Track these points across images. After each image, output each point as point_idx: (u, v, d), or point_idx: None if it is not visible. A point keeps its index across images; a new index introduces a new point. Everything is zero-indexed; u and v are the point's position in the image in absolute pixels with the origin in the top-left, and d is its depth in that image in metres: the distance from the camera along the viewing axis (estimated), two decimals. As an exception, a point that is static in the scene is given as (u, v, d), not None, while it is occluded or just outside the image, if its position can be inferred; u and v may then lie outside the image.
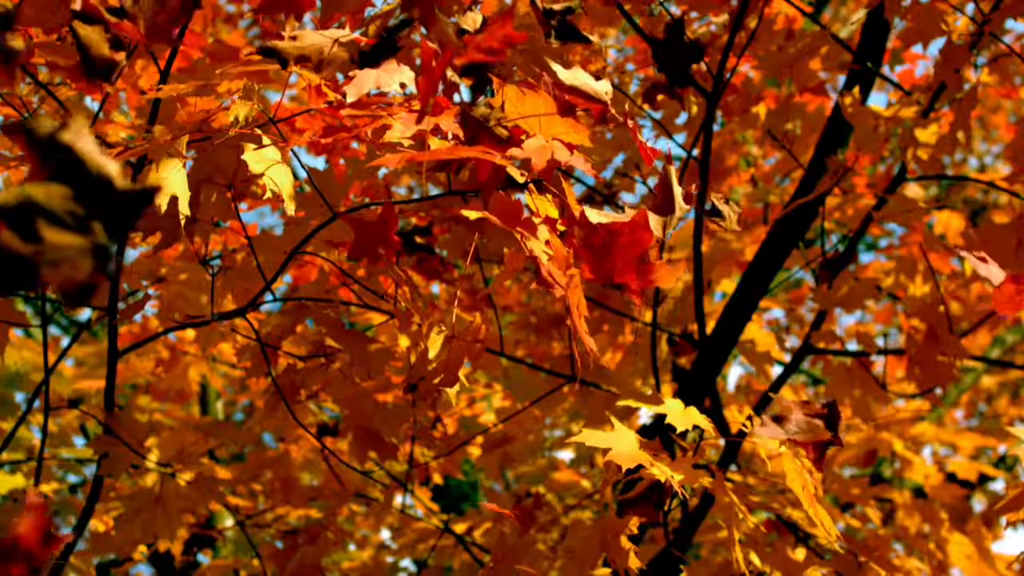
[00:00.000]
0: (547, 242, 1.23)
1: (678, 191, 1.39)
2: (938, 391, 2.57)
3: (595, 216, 1.27)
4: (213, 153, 1.66)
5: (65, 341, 5.43)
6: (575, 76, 1.38)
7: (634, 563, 1.50)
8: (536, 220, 1.25)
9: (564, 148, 1.27)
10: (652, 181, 3.68)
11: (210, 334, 2.63)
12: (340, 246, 1.74)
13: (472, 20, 1.48)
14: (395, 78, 1.34)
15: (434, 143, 1.27)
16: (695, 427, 1.42)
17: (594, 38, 1.48)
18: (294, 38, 1.34)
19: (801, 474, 1.38)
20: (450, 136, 1.30)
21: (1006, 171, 2.93)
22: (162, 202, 1.32)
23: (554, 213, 1.31)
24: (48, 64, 1.52)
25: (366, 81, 1.33)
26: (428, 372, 1.34)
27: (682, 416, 1.39)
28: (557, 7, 1.48)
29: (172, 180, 1.34)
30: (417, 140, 1.31)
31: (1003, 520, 1.58)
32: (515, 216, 1.23)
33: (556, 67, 1.36)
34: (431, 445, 2.94)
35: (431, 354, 1.33)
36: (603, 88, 1.39)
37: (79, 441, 4.52)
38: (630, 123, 1.40)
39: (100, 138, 1.76)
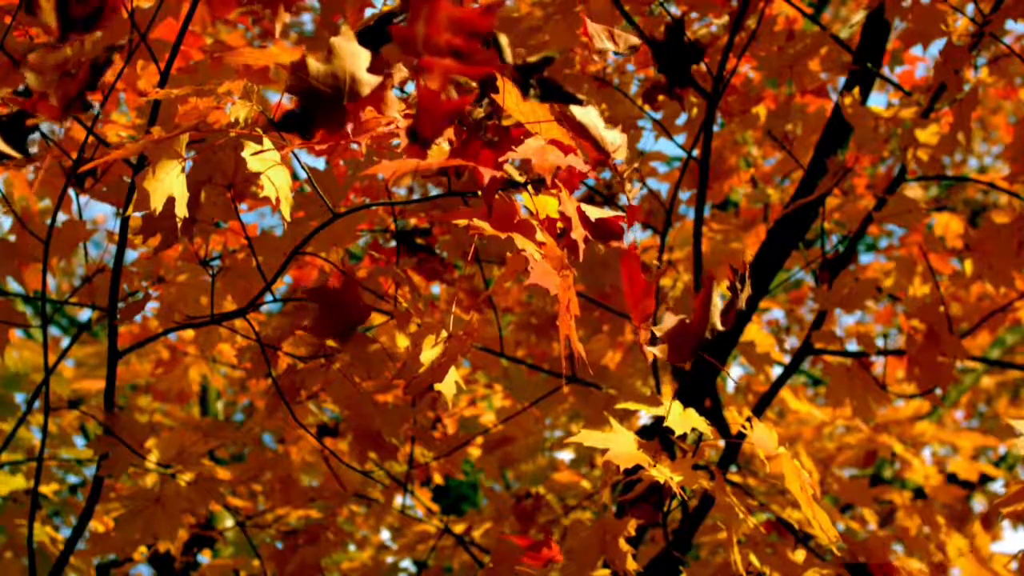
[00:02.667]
0: (542, 243, 1.23)
1: (717, 308, 1.34)
2: (938, 391, 2.57)
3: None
4: (213, 154, 1.66)
5: (65, 341, 5.43)
6: (587, 114, 1.30)
7: (631, 565, 1.50)
8: (534, 221, 1.25)
9: (561, 151, 1.27)
10: (651, 182, 3.65)
11: (210, 335, 2.63)
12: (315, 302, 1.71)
13: None
14: (393, 92, 1.29)
15: (432, 149, 1.27)
16: (694, 428, 1.41)
17: (583, 96, 1.31)
18: (306, 94, 1.21)
19: (799, 475, 1.38)
20: (446, 144, 1.29)
21: (1006, 171, 2.93)
22: (158, 204, 1.32)
23: (554, 213, 1.31)
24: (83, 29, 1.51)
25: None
26: (420, 371, 1.33)
27: (681, 418, 1.39)
28: (533, 59, 1.28)
29: (170, 182, 1.33)
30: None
31: (1001, 514, 1.58)
32: (511, 219, 1.23)
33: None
34: (431, 445, 2.94)
35: (423, 355, 1.32)
36: (611, 137, 1.31)
37: (79, 441, 4.52)
38: (627, 186, 1.35)
39: (99, 138, 1.76)
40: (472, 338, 1.34)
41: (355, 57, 1.24)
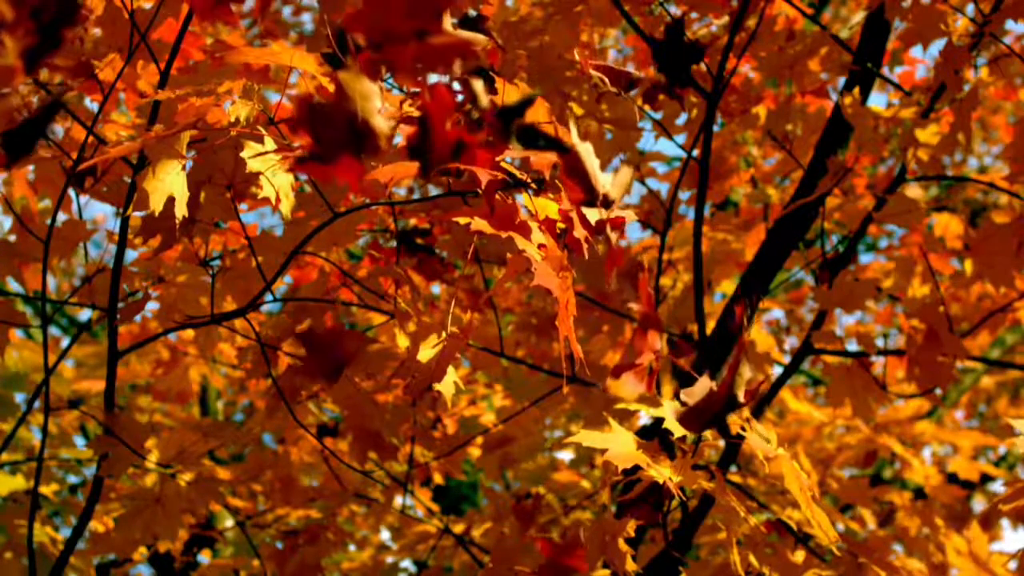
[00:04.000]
0: (542, 244, 1.23)
1: (744, 379, 1.33)
2: (938, 391, 2.57)
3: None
4: (213, 154, 1.66)
5: (65, 342, 5.43)
6: (587, 151, 1.25)
7: (631, 566, 1.50)
8: (533, 223, 1.25)
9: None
10: (651, 182, 3.65)
11: (210, 335, 2.63)
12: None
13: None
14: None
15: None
16: (693, 428, 1.41)
17: (573, 139, 1.21)
18: (316, 135, 1.12)
19: (798, 476, 1.38)
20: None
21: (1006, 172, 2.93)
22: (158, 204, 1.32)
23: (554, 214, 1.31)
24: (47, 64, 1.52)
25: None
26: (419, 371, 1.33)
27: (680, 418, 1.39)
28: (513, 102, 1.16)
29: (170, 182, 1.33)
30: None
31: (1001, 511, 1.58)
32: (511, 219, 1.23)
33: (573, 127, 1.22)
34: (431, 445, 2.94)
35: (421, 354, 1.33)
36: (604, 180, 1.27)
37: (79, 441, 4.52)
38: (612, 233, 1.31)
39: (99, 138, 1.76)
40: (468, 335, 1.34)
41: (366, 99, 1.09)
